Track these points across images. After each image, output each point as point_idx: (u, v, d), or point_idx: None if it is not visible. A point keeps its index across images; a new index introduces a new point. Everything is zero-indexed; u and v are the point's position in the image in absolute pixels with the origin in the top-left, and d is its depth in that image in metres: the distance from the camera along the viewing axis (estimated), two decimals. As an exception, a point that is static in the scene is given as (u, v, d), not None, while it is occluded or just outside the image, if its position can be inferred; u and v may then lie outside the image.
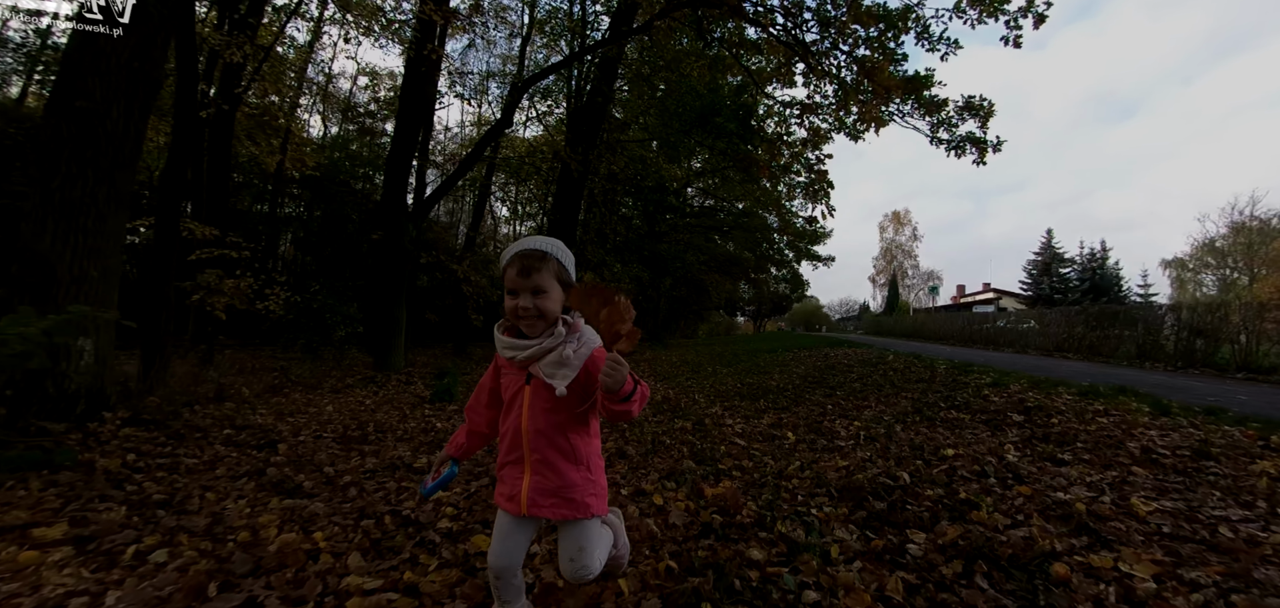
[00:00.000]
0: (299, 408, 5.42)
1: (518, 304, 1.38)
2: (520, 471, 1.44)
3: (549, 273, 1.39)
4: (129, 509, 2.58)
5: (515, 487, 1.44)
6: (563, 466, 1.43)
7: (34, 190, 3.67)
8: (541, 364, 1.38)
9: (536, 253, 1.39)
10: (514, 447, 1.45)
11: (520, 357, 1.39)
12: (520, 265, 1.38)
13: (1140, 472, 3.05)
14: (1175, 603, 1.69)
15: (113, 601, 1.75)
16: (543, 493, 1.42)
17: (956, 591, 1.80)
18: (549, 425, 1.42)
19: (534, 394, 1.42)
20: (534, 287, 1.37)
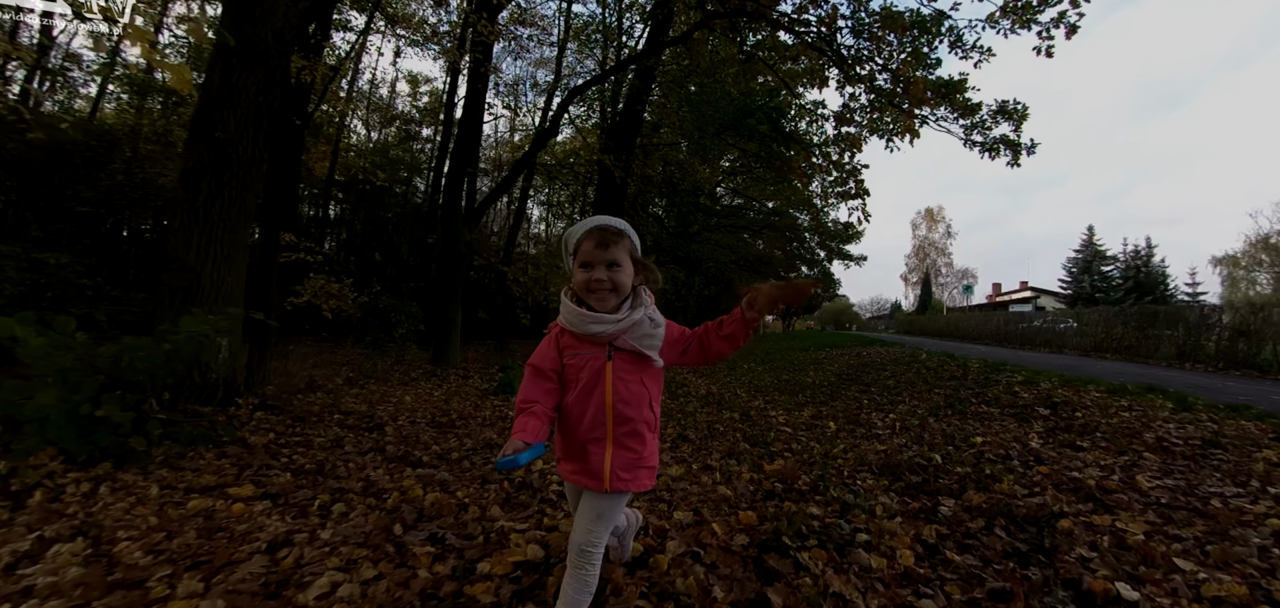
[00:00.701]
0: (381, 398, 6.09)
1: (592, 276, 1.42)
2: (602, 448, 1.44)
3: (623, 249, 1.44)
4: (292, 475, 3.21)
5: (598, 464, 1.44)
6: (646, 436, 1.47)
7: (180, 209, 4.36)
8: (631, 336, 1.42)
9: (614, 229, 1.45)
10: (596, 424, 1.44)
11: (609, 330, 1.41)
12: (598, 238, 1.43)
13: (1151, 457, 3.46)
14: (1159, 549, 2.14)
15: (326, 536, 2.34)
16: (625, 467, 1.44)
17: (979, 538, 2.27)
18: (635, 398, 1.44)
19: (619, 368, 1.43)
20: (611, 260, 1.42)
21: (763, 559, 1.97)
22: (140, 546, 2.15)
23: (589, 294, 1.43)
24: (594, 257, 1.41)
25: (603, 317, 1.42)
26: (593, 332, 1.42)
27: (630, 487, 1.44)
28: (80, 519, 2.41)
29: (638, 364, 1.44)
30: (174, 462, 3.22)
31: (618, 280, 1.42)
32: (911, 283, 58.04)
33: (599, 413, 1.43)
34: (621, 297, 1.44)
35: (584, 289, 1.43)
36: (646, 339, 1.43)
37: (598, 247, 1.41)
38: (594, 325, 1.41)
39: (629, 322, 1.41)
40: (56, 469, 2.93)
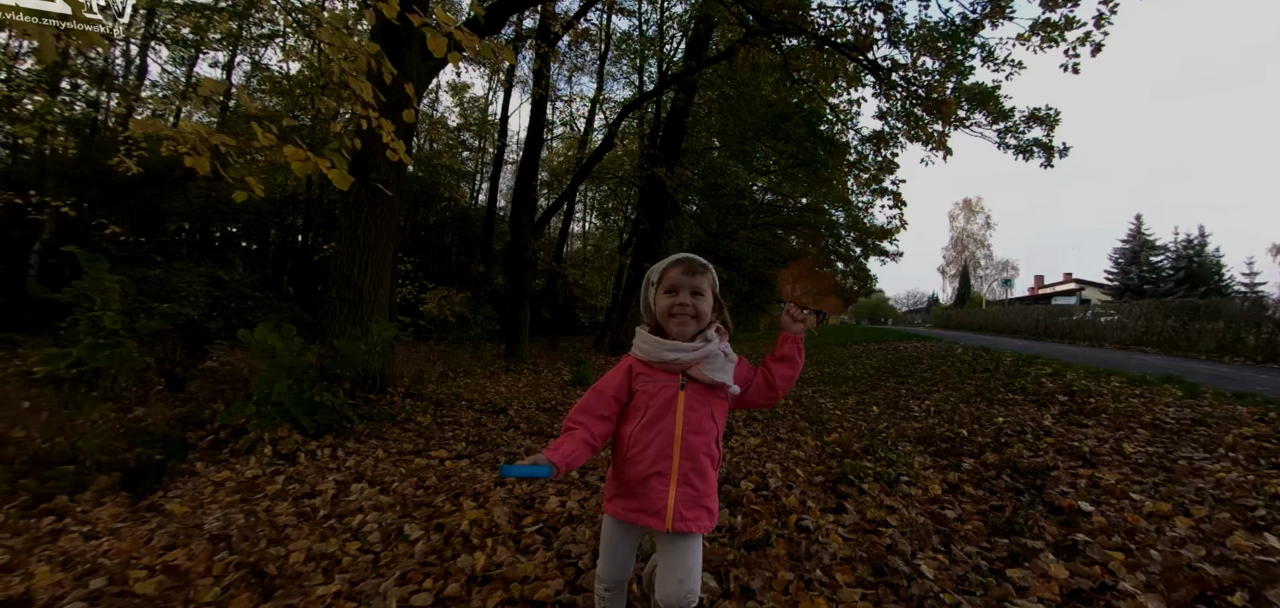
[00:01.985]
0: (480, 388, 7.20)
1: (676, 300, 1.46)
2: (666, 483, 1.41)
3: (707, 281, 1.50)
4: (465, 444, 4.29)
5: (659, 501, 1.41)
6: (709, 473, 1.46)
7: (344, 235, 5.51)
8: (704, 366, 1.44)
9: (700, 262, 1.52)
10: (662, 456, 1.42)
11: (685, 357, 1.43)
12: (686, 266, 1.49)
13: (1143, 432, 4.29)
14: (1121, 488, 3.02)
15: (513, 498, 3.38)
16: (688, 505, 1.41)
17: (989, 481, 3.19)
18: (703, 430, 1.45)
19: (691, 398, 1.44)
20: (696, 287, 1.47)
21: (836, 488, 2.94)
22: (407, 484, 3.22)
23: (670, 319, 1.48)
24: (680, 281, 1.47)
25: (679, 344, 1.44)
26: (668, 358, 1.44)
27: (691, 527, 1.41)
28: (351, 469, 3.52)
29: (709, 396, 1.46)
30: (377, 435, 4.35)
31: (700, 308, 1.47)
32: (949, 276, 57.65)
33: (667, 444, 1.42)
34: (701, 326, 1.48)
35: (666, 314, 1.48)
36: (721, 369, 1.45)
37: (685, 273, 1.48)
38: (670, 352, 1.43)
39: (705, 351, 1.44)
40: (299, 440, 4.06)
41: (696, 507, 1.42)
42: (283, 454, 3.77)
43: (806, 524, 2.46)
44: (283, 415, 4.19)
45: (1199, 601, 1.87)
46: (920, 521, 2.59)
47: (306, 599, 1.93)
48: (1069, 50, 7.98)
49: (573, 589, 2.00)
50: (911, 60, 9.96)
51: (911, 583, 1.96)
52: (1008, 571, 2.08)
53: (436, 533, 2.47)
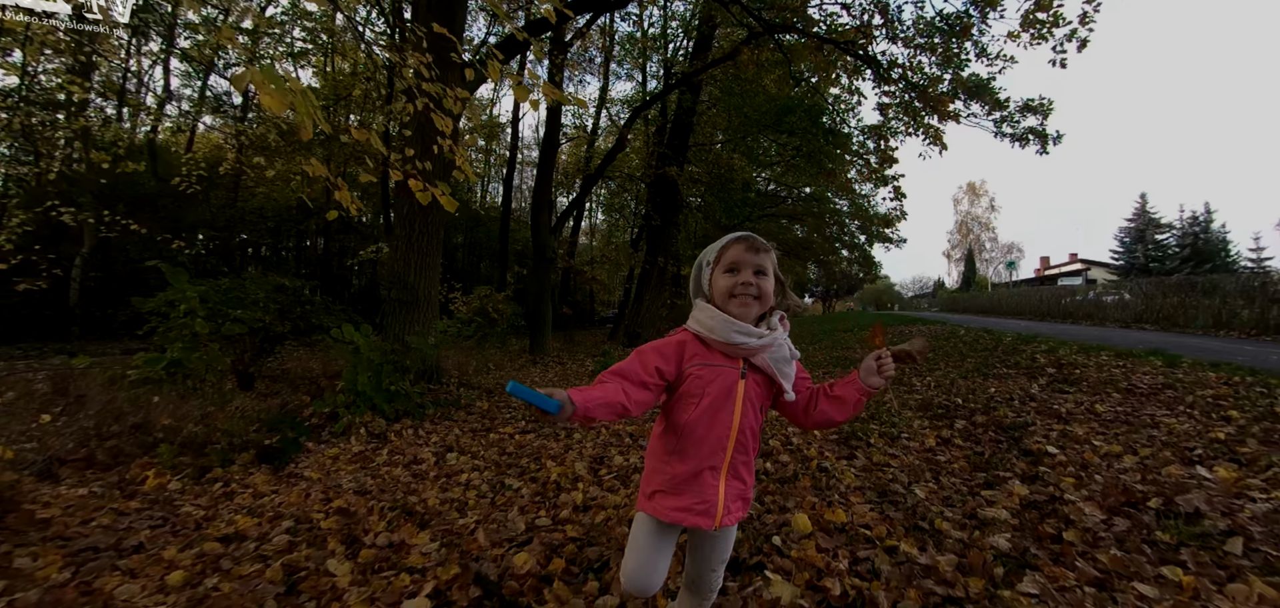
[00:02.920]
0: (519, 378, 7.86)
1: (739, 280, 1.35)
2: (718, 478, 1.34)
3: (770, 259, 1.41)
4: (524, 422, 4.95)
5: (711, 497, 1.33)
6: (752, 465, 1.42)
7: (400, 244, 6.17)
8: (771, 357, 1.35)
9: (762, 240, 1.41)
10: (716, 450, 1.33)
11: (751, 343, 1.32)
12: (748, 243, 1.39)
13: (1116, 396, 4.91)
14: (1088, 437, 3.65)
15: (584, 444, 4.04)
16: (735, 499, 1.37)
17: (976, 435, 3.83)
18: (757, 425, 1.39)
19: (750, 390, 1.35)
20: (759, 265, 1.37)
21: (848, 443, 3.59)
22: (491, 452, 3.89)
23: (731, 299, 1.36)
24: (743, 259, 1.37)
25: (750, 328, 1.34)
26: (736, 340, 1.32)
27: (735, 519, 1.39)
28: (438, 443, 4.19)
29: (765, 390, 1.38)
30: (447, 418, 5.02)
31: (764, 288, 1.37)
32: (954, 260, 58.05)
33: (724, 437, 1.32)
34: (764, 308, 1.39)
35: (727, 295, 1.37)
36: (784, 366, 1.37)
37: (748, 250, 1.38)
38: (738, 334, 1.32)
39: (772, 339, 1.35)
40: (382, 423, 4.74)
41: (739, 499, 1.38)
42: (374, 434, 4.45)
43: (825, 466, 3.11)
44: (366, 403, 4.87)
45: (1125, 506, 2.51)
46: (916, 463, 3.24)
47: (453, 527, 2.59)
48: (1057, 46, 8.56)
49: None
50: (909, 58, 10.55)
51: (907, 500, 2.61)
52: (982, 491, 2.73)
53: (532, 484, 3.14)
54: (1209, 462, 3.15)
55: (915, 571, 1.98)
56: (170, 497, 3.10)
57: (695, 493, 1.32)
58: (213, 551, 2.40)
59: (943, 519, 2.42)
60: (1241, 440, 3.46)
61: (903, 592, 1.83)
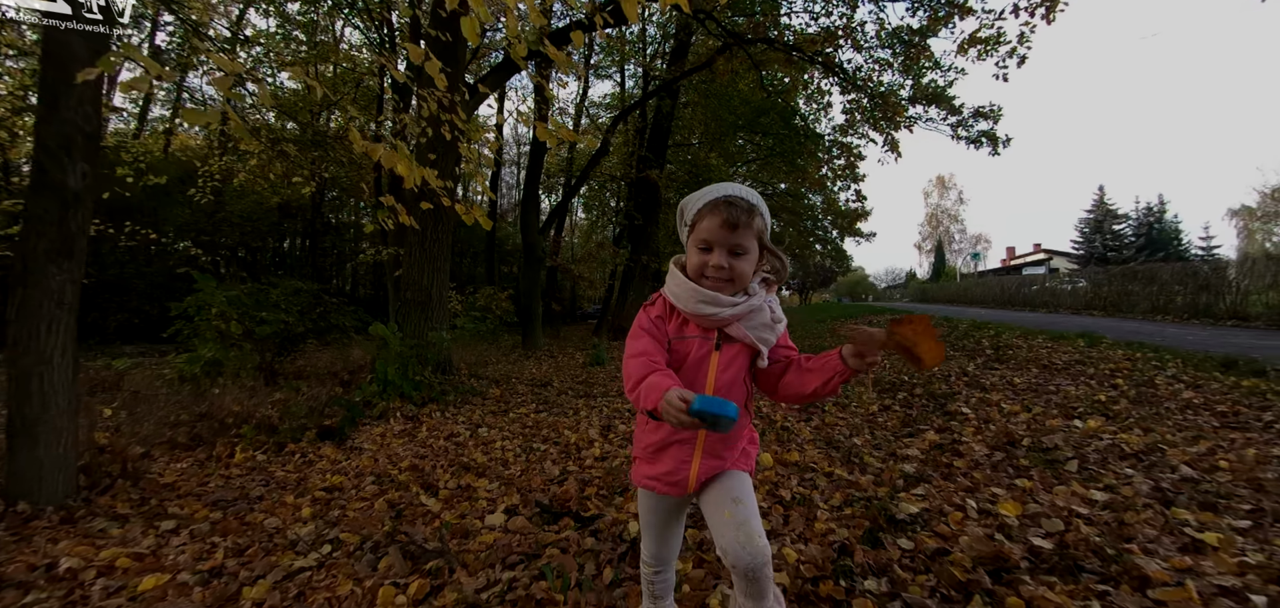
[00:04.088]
0: (516, 372, 8.62)
1: (709, 262, 1.23)
2: (689, 451, 1.28)
3: (752, 232, 1.24)
4: (536, 405, 5.74)
5: (680, 470, 1.28)
6: (739, 442, 1.34)
7: (415, 250, 6.88)
8: (747, 325, 1.25)
9: (745, 204, 1.22)
10: None
11: (722, 315, 1.23)
12: (725, 216, 1.21)
13: (1035, 370, 5.89)
14: (999, 401, 4.58)
15: (591, 422, 4.85)
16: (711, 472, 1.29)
17: (912, 403, 4.74)
18: (737, 397, 1.27)
19: (724, 362, 1.26)
20: (736, 245, 1.22)
21: (805, 410, 4.47)
22: (514, 428, 4.67)
23: (701, 279, 1.26)
24: (717, 237, 1.22)
25: (718, 297, 1.23)
26: (704, 313, 1.23)
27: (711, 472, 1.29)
28: (465, 422, 4.96)
29: (746, 360, 1.28)
30: (466, 403, 5.78)
31: (738, 269, 1.23)
32: (925, 251, 60.08)
33: None
34: (740, 287, 1.26)
35: (697, 273, 1.26)
36: (764, 332, 1.26)
37: (723, 226, 1.21)
38: (708, 305, 1.23)
39: (748, 307, 1.24)
40: (412, 408, 5.48)
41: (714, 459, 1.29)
42: (408, 417, 5.19)
43: (787, 426, 3.98)
44: (394, 391, 5.61)
45: (1005, 444, 3.42)
46: (859, 422, 4.14)
47: (503, 476, 3.39)
48: (999, 62, 9.59)
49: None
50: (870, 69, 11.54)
51: (847, 445, 3.49)
52: (904, 438, 3.62)
53: (556, 446, 3.95)
54: (1084, 416, 4.10)
55: (843, 484, 2.84)
56: (261, 466, 3.84)
57: (666, 463, 1.29)
58: (322, 497, 3.16)
59: (870, 455, 3.30)
60: (1116, 402, 4.43)
61: (831, 495, 2.69)
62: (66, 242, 2.99)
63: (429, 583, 2.04)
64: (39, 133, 2.97)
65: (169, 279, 14.89)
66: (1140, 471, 2.93)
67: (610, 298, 16.83)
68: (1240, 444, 3.28)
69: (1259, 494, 2.58)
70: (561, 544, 2.32)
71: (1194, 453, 3.15)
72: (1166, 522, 2.31)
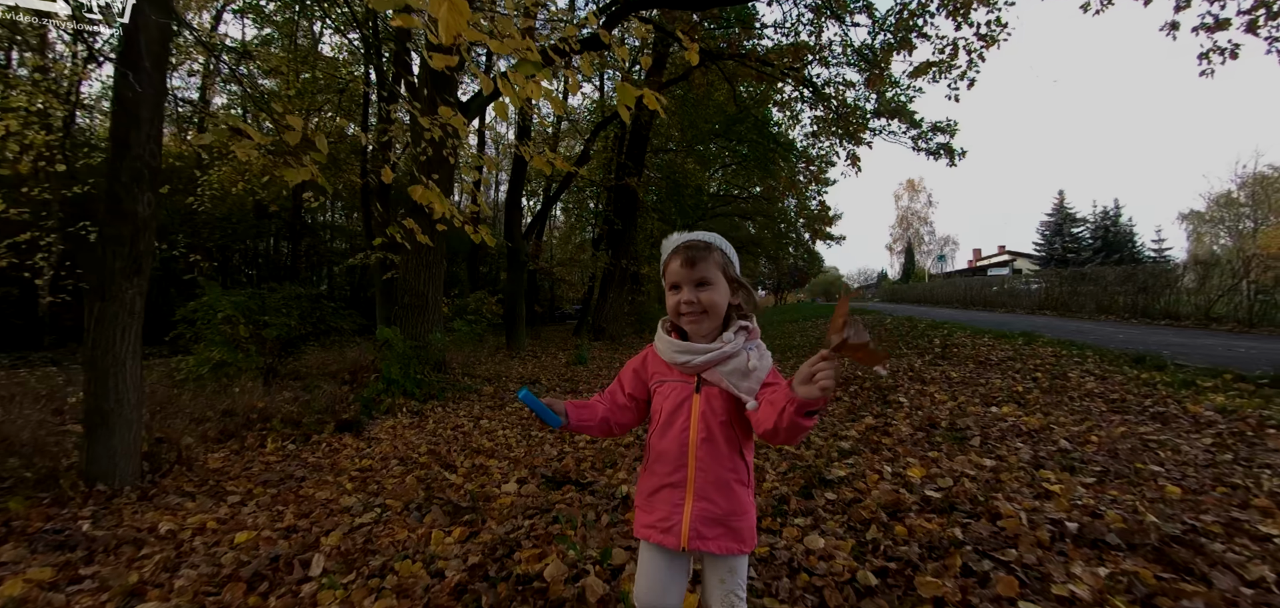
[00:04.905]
0: (504, 371, 9.20)
1: (681, 299, 1.32)
2: (681, 495, 1.30)
3: (713, 264, 1.32)
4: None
5: (673, 516, 1.30)
6: (735, 488, 1.30)
7: (411, 257, 7.43)
8: (723, 371, 1.28)
9: (701, 243, 1.33)
10: (677, 467, 1.30)
11: (695, 362, 1.30)
12: (686, 255, 1.32)
13: (973, 365, 6.70)
14: (934, 392, 5.34)
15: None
16: (707, 522, 1.28)
17: (859, 394, 5.48)
18: (724, 441, 1.29)
19: (706, 405, 1.30)
20: (700, 278, 1.31)
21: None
22: (513, 422, 5.28)
23: (680, 319, 1.34)
24: (681, 276, 1.32)
25: (692, 346, 1.31)
26: (679, 361, 1.32)
27: (709, 548, 1.29)
28: (466, 415, 5.55)
29: (727, 404, 1.30)
30: (464, 399, 6.36)
31: (706, 301, 1.30)
32: (896, 252, 61.90)
33: (680, 453, 1.30)
34: (715, 321, 1.33)
35: (675, 314, 1.35)
36: (741, 377, 1.27)
37: (684, 264, 1.32)
38: (681, 355, 1.32)
39: (721, 352, 1.28)
40: (415, 405, 6.05)
41: (717, 525, 1.29)
42: (413, 413, 5.76)
43: (752, 415, 4.69)
44: (398, 389, 6.17)
45: (927, 426, 4.15)
46: (813, 412, 4.86)
47: (510, 456, 4.00)
48: (951, 84, 10.48)
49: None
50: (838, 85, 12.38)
51: (799, 429, 4.21)
52: (846, 423, 4.34)
53: (550, 436, 4.58)
54: (1000, 403, 4.88)
55: (790, 456, 3.54)
56: (292, 454, 4.39)
57: (659, 510, 1.33)
58: (359, 476, 3.75)
59: (815, 436, 4.01)
60: (1030, 392, 5.23)
61: (779, 464, 3.39)
62: (137, 260, 3.53)
63: (467, 530, 2.67)
64: (113, 168, 3.50)
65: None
66: (1028, 444, 3.69)
67: (590, 299, 17.44)
68: (1115, 424, 4.07)
69: (1112, 460, 3.35)
70: (566, 502, 2.96)
71: (1075, 431, 3.93)
72: (1032, 479, 3.04)
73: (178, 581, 2.31)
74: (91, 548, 2.65)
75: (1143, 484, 2.94)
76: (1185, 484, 2.93)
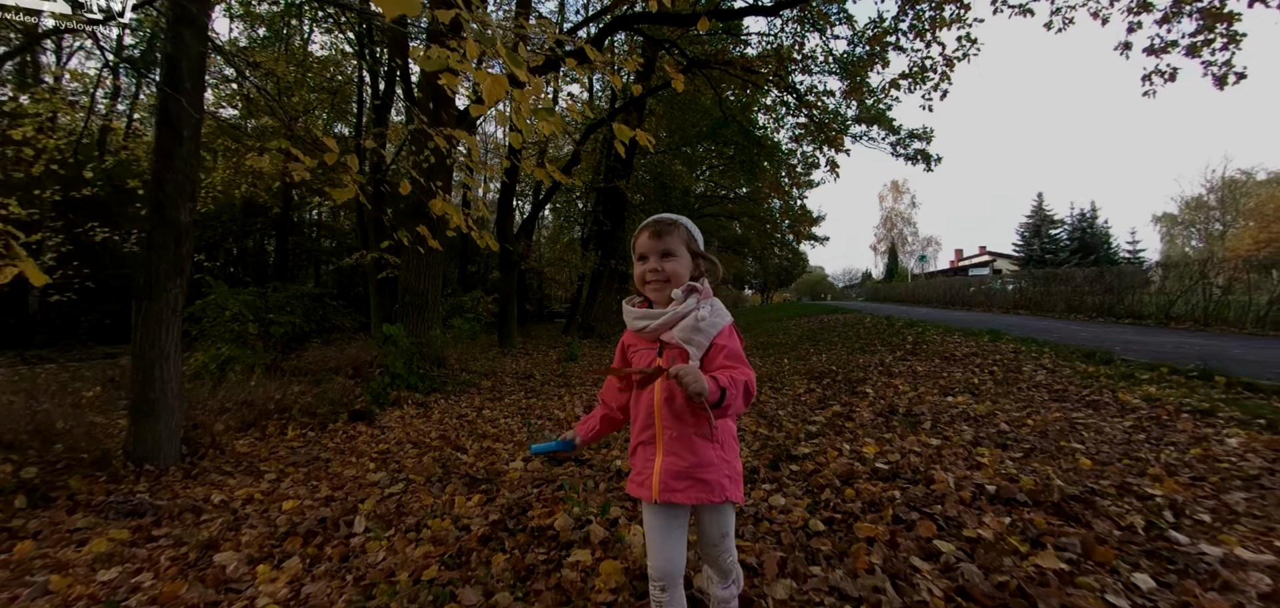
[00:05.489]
0: (499, 367, 9.62)
1: (647, 268, 1.47)
2: (652, 451, 1.44)
3: (678, 238, 1.48)
4: (525, 394, 6.80)
5: (646, 470, 1.44)
6: (697, 443, 1.40)
7: (412, 258, 7.84)
8: (676, 331, 1.39)
9: (667, 219, 1.49)
10: (646, 425, 1.45)
11: (652, 326, 1.43)
12: (653, 228, 1.48)
13: (938, 360, 7.26)
14: (898, 384, 5.87)
15: (575, 404, 5.95)
16: (675, 476, 1.40)
17: (832, 386, 6.00)
18: (683, 398, 1.34)
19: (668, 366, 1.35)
20: (664, 249, 1.46)
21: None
22: (512, 408, 5.73)
23: (645, 286, 1.49)
24: (648, 247, 1.48)
25: (647, 311, 1.46)
26: (637, 326, 1.47)
27: (677, 499, 1.39)
28: (469, 406, 5.99)
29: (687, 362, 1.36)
30: (464, 392, 6.80)
31: (670, 270, 1.45)
32: (880, 252, 63.00)
33: (649, 414, 1.44)
34: (676, 285, 1.45)
35: (641, 282, 1.50)
36: (692, 332, 1.38)
37: (651, 236, 1.48)
38: (638, 321, 1.46)
39: (673, 314, 1.41)
40: (419, 398, 6.47)
41: (686, 478, 1.39)
42: (418, 404, 6.19)
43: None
44: (402, 383, 6.58)
45: (887, 413, 4.68)
46: (786, 400, 5.37)
47: (514, 439, 4.46)
48: (924, 95, 11.08)
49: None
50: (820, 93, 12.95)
51: (772, 416, 4.70)
52: (816, 410, 4.85)
53: (550, 422, 5.04)
54: (955, 393, 5.42)
55: (763, 436, 4.04)
56: (312, 440, 4.81)
57: (637, 467, 1.47)
58: (379, 457, 4.18)
59: (788, 421, 4.51)
60: (984, 383, 5.77)
61: (753, 443, 3.88)
62: (179, 263, 3.94)
63: (484, 497, 3.13)
64: (158, 180, 3.90)
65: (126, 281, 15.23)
66: (972, 427, 4.22)
67: (579, 298, 17.87)
68: (1052, 411, 4.61)
69: (1041, 439, 3.88)
70: (567, 474, 3.43)
71: (1016, 416, 4.46)
72: (969, 455, 3.56)
73: (243, 537, 2.74)
74: (158, 515, 3.08)
75: (1061, 458, 3.47)
76: (1097, 458, 3.46)
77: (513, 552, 2.44)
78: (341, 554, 2.54)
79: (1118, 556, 2.17)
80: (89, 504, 3.27)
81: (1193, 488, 2.92)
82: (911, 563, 2.15)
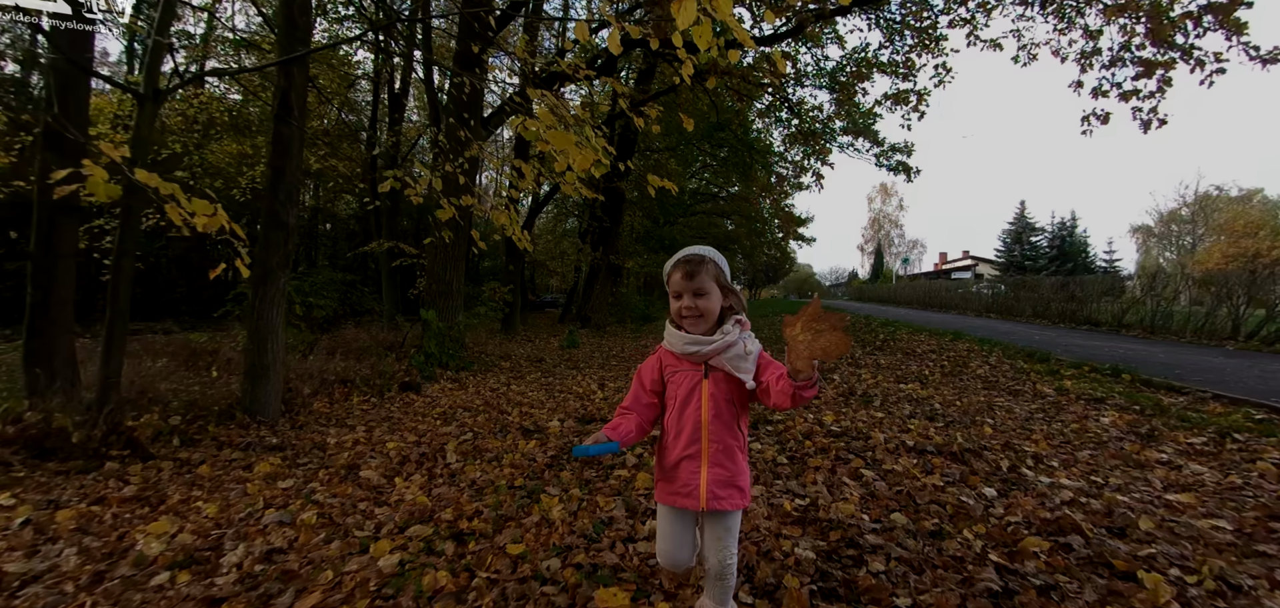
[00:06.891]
0: (511, 351, 10.68)
1: (682, 305, 1.64)
2: (697, 464, 1.62)
3: (708, 275, 1.64)
4: (541, 373, 7.89)
5: (692, 481, 1.62)
6: (738, 455, 1.63)
7: (440, 250, 8.86)
8: (726, 357, 1.60)
9: (696, 258, 1.65)
10: (693, 440, 1.62)
11: (703, 351, 1.60)
12: (685, 269, 1.64)
13: (900, 355, 8.44)
14: (865, 374, 7.03)
15: (593, 381, 7.06)
16: (721, 485, 1.60)
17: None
18: (728, 416, 1.62)
19: (713, 387, 1.61)
20: (697, 288, 1.62)
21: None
22: (535, 387, 6.82)
23: (682, 320, 1.66)
24: (681, 287, 1.64)
25: (699, 338, 1.62)
26: (689, 351, 1.62)
27: (724, 506, 1.61)
28: (494, 382, 7.06)
29: (729, 385, 1.62)
30: (488, 371, 7.86)
31: (705, 308, 1.62)
32: (866, 253, 64.63)
33: (696, 430, 1.61)
34: (710, 322, 1.64)
35: (678, 316, 1.66)
36: (739, 362, 1.59)
37: (684, 278, 1.63)
38: (690, 345, 1.62)
39: (723, 343, 1.59)
40: (450, 374, 7.52)
41: (729, 486, 1.61)
42: (452, 380, 7.25)
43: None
44: (436, 361, 7.64)
45: (848, 396, 5.83)
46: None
47: (546, 406, 5.55)
48: (904, 115, 12.26)
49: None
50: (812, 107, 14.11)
51: (756, 394, 5.85)
52: (791, 392, 6.01)
53: (571, 395, 6.14)
54: (907, 382, 6.59)
55: (749, 409, 5.18)
56: (376, 405, 5.87)
57: (679, 480, 1.65)
58: (442, 416, 5.26)
59: (768, 399, 5.65)
60: (933, 374, 6.96)
61: (741, 413, 5.02)
62: (286, 257, 4.97)
63: (537, 443, 4.22)
64: (272, 189, 4.93)
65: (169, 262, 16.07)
66: (911, 405, 5.38)
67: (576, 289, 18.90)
68: (979, 396, 5.80)
69: (962, 415, 5.04)
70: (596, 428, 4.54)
71: (948, 399, 5.64)
72: (903, 424, 4.72)
73: (371, 464, 3.82)
74: (295, 451, 4.14)
75: (972, 428, 4.63)
76: (999, 428, 4.62)
77: (573, 468, 3.55)
78: (448, 473, 3.63)
79: (981, 481, 3.31)
80: (232, 444, 4.32)
81: (1058, 448, 4.08)
82: (842, 480, 3.29)
